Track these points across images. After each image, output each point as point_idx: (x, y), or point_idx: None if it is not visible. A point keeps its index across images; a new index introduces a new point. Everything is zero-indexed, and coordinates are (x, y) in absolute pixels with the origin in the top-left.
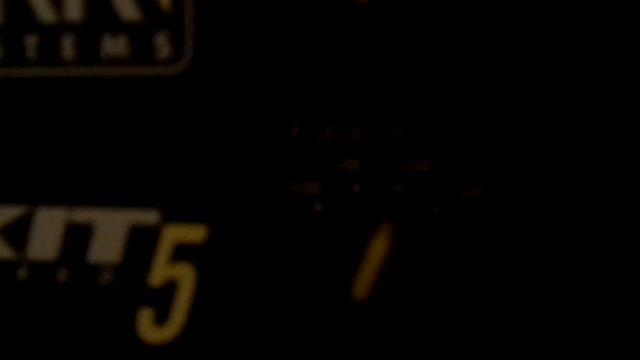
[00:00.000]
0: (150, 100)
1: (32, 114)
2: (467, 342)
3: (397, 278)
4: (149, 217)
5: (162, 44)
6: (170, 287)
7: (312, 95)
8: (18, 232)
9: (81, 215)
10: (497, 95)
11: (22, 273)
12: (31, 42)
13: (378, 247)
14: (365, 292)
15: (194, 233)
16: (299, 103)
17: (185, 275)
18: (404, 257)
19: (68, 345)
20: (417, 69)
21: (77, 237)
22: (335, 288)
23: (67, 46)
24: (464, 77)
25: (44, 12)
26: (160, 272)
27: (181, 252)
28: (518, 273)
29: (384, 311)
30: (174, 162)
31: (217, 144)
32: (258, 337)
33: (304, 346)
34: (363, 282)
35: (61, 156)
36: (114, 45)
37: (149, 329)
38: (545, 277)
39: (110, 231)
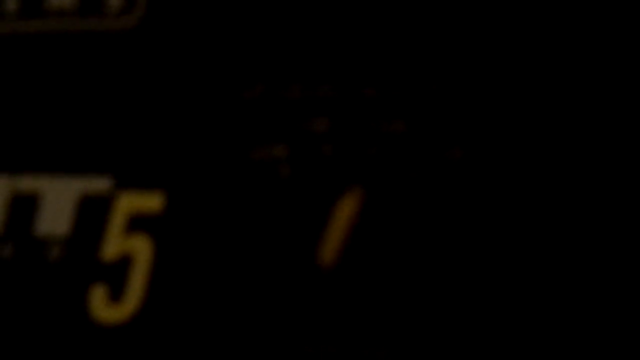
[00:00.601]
0: (99, 56)
1: None
2: (437, 308)
3: (367, 243)
4: (100, 184)
5: None
6: (125, 261)
7: (277, 50)
8: None
9: (26, 184)
10: (476, 52)
11: None
12: None
13: (345, 211)
14: (332, 258)
15: (150, 201)
16: (263, 58)
17: (141, 248)
18: (377, 222)
19: (14, 326)
20: (391, 22)
21: (23, 208)
22: (301, 255)
23: None
24: (442, 31)
25: None
26: (113, 244)
27: (136, 223)
28: (498, 240)
29: (351, 277)
30: (126, 125)
31: (173, 104)
32: (221, 311)
33: (270, 316)
34: (329, 248)
35: (3, 120)
36: None
37: (103, 308)
38: (525, 242)
39: (58, 201)
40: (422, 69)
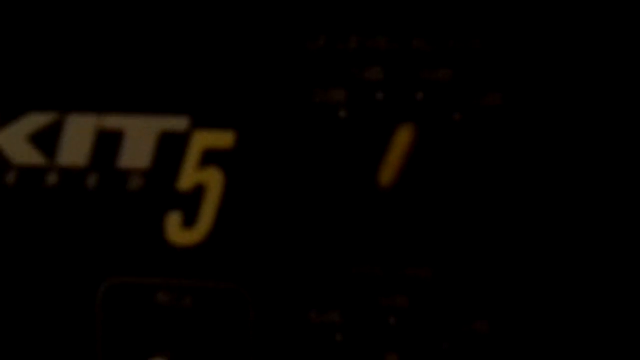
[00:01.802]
0: (179, 7)
1: (64, 21)
2: (480, 231)
3: (418, 171)
4: (179, 123)
5: None
6: (198, 192)
7: (337, 5)
8: (49, 139)
9: (112, 121)
10: (519, 4)
11: (51, 179)
12: None
13: (402, 138)
14: (391, 180)
15: (223, 139)
16: (325, 13)
17: (214, 180)
18: (424, 156)
19: (98, 248)
20: None
21: (108, 144)
22: (360, 180)
23: None
24: None
25: None
26: (189, 177)
27: (210, 158)
28: (532, 179)
29: (407, 198)
30: (203, 70)
31: (245, 53)
32: (285, 237)
33: (332, 239)
34: (387, 173)
35: (92, 63)
36: None
37: (178, 232)
38: (561, 184)
39: (140, 137)
40: (467, 22)
